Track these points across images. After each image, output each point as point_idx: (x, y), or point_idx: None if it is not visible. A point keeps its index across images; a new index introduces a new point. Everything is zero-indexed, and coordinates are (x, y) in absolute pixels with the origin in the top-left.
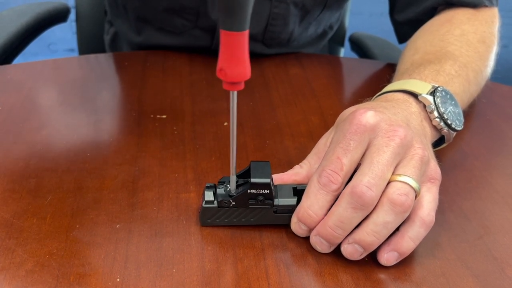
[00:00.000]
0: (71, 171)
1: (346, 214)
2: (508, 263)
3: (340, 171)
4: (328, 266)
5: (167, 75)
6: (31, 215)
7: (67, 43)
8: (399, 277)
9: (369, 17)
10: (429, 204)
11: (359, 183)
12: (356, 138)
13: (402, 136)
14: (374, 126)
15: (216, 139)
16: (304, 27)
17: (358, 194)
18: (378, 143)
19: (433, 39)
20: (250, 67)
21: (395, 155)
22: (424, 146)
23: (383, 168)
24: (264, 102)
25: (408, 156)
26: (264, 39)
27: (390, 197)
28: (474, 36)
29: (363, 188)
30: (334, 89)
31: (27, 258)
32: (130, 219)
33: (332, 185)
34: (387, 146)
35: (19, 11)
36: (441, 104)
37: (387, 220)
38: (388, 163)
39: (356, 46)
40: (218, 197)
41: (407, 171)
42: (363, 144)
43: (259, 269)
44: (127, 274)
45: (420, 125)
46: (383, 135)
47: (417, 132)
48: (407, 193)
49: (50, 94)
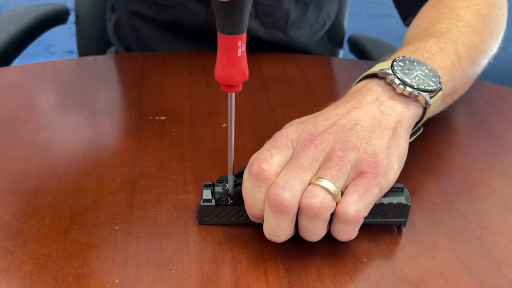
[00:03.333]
0: (70, 172)
1: (271, 220)
2: (506, 263)
3: (270, 158)
4: (326, 267)
5: (166, 76)
6: (30, 216)
7: (66, 45)
8: (397, 277)
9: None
10: (347, 198)
11: (275, 185)
12: (281, 141)
13: (318, 143)
14: (295, 138)
15: (215, 141)
16: (301, 8)
17: (273, 197)
18: (296, 151)
19: (422, 23)
20: (248, 69)
21: (311, 159)
22: (350, 146)
23: (298, 170)
24: (263, 104)
25: (328, 160)
26: (257, 14)
27: (302, 202)
28: (467, 11)
29: (277, 190)
30: (333, 91)
31: (26, 260)
32: (129, 221)
33: (263, 173)
34: (303, 152)
35: (19, 13)
36: (400, 71)
37: (305, 224)
38: (303, 166)
39: (355, 47)
40: (216, 195)
41: (322, 173)
42: (288, 147)
43: (258, 270)
44: (126, 275)
45: (373, 115)
46: (301, 143)
47: (354, 131)
48: (315, 195)
49: (49, 96)
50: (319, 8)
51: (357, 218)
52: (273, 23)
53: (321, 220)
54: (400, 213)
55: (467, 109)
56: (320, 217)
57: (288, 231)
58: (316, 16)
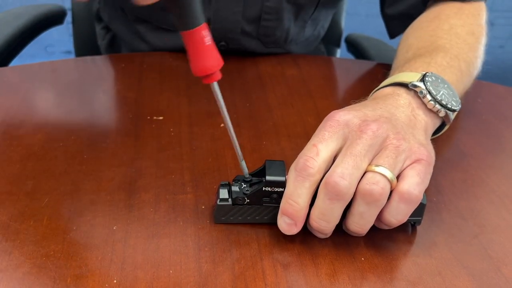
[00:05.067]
0: (68, 173)
1: (325, 206)
2: (504, 262)
3: (316, 156)
4: (324, 266)
5: (164, 76)
6: (28, 217)
7: (64, 45)
8: (395, 276)
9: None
10: (410, 179)
11: (333, 173)
12: (331, 130)
13: (375, 129)
14: (347, 121)
15: (213, 140)
16: (300, 26)
17: (332, 184)
18: (351, 137)
19: (424, 35)
20: (219, 55)
21: (368, 146)
22: (401, 136)
23: (355, 158)
24: (260, 103)
25: (384, 147)
26: (259, 35)
27: (360, 187)
28: (463, 29)
29: (336, 178)
30: (330, 90)
31: (24, 260)
32: (127, 221)
33: (308, 169)
34: (360, 139)
35: (16, 14)
36: (432, 87)
37: (361, 211)
38: (360, 154)
39: (353, 47)
40: (232, 194)
41: (380, 161)
42: (338, 136)
43: (256, 270)
44: (124, 276)
45: (408, 116)
46: (356, 129)
47: (400, 124)
48: (376, 182)
49: (47, 96)
50: (315, 23)
51: (419, 199)
52: (273, 42)
53: (380, 206)
54: (416, 211)
55: (465, 108)
56: (379, 203)
57: (339, 217)
58: (313, 30)
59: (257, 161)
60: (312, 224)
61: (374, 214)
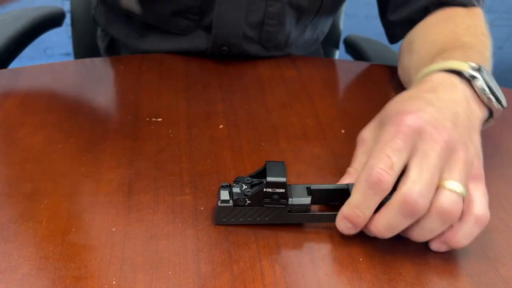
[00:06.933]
0: (67, 175)
1: (397, 221)
2: (502, 262)
3: (390, 169)
4: (323, 267)
5: (162, 78)
6: (27, 219)
7: (63, 48)
8: (393, 277)
9: (364, 20)
10: (482, 202)
11: (412, 191)
12: (403, 138)
13: (447, 139)
14: (420, 129)
15: (211, 142)
16: (300, 29)
17: (411, 203)
18: (424, 147)
19: (444, 31)
20: None
21: (441, 158)
22: (466, 146)
23: (432, 174)
24: (259, 105)
25: (453, 160)
26: (261, 40)
27: (439, 206)
28: (477, 29)
29: (416, 197)
30: (329, 92)
31: (23, 262)
32: (126, 222)
33: (382, 185)
34: (433, 150)
35: (15, 16)
36: (489, 79)
37: (434, 227)
38: (436, 168)
39: (351, 48)
40: (233, 195)
41: (454, 176)
42: (409, 145)
43: (255, 271)
44: (123, 277)
45: (467, 114)
46: (429, 138)
47: (463, 129)
48: (455, 202)
49: (46, 98)
50: (315, 27)
51: (487, 221)
52: (274, 46)
53: (452, 223)
54: None
55: None
56: (453, 221)
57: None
58: (312, 33)
59: (256, 162)
60: (373, 231)
61: (443, 229)
